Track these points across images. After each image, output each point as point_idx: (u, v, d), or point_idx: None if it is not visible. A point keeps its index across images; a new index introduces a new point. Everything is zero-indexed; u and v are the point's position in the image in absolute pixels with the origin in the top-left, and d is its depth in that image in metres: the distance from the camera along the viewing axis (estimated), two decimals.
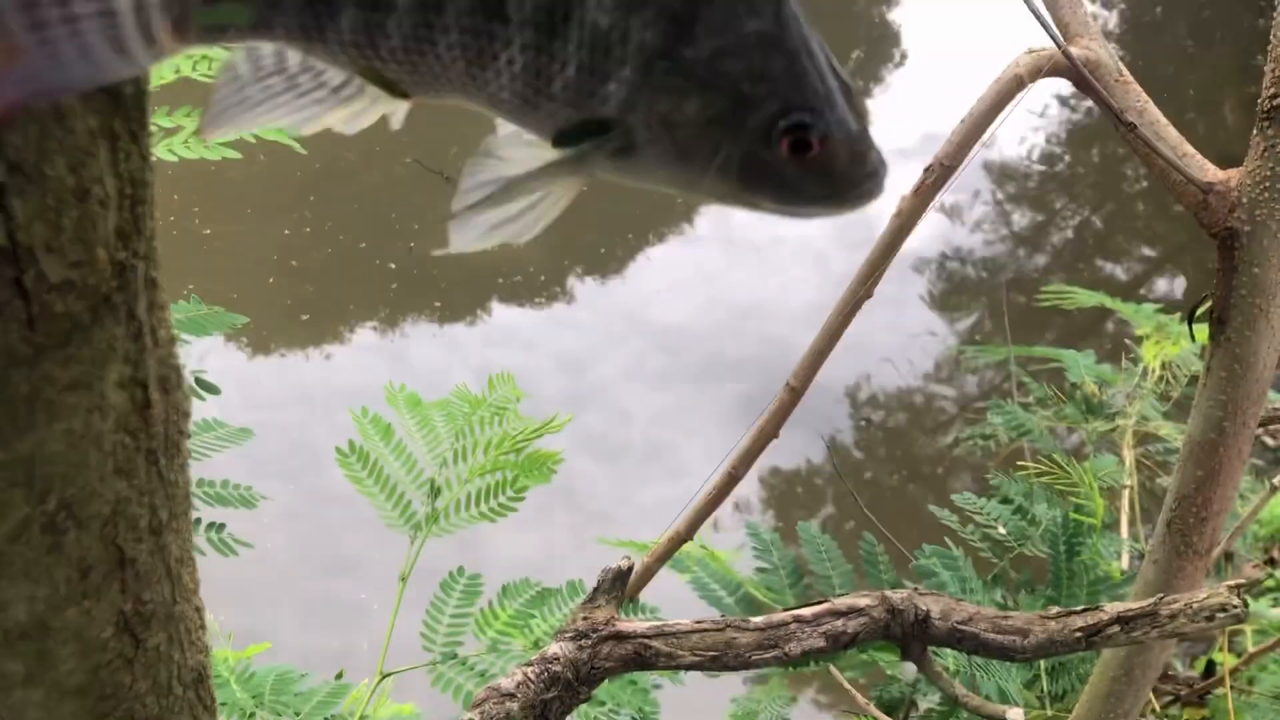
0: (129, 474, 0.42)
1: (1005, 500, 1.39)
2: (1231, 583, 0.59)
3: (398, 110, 0.47)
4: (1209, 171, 0.72)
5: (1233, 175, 0.71)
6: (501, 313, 3.95)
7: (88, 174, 0.37)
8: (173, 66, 0.69)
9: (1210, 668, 1.38)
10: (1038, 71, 0.71)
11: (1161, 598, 0.61)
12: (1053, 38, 0.69)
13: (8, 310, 0.36)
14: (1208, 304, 0.76)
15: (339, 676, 1.06)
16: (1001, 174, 4.47)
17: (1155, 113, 0.71)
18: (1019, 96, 0.72)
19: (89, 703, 0.43)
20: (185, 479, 0.46)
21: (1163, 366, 1.73)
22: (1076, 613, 0.63)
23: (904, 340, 3.76)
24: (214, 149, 0.68)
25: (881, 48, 5.50)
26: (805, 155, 0.43)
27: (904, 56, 5.35)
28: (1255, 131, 0.71)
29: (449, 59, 0.41)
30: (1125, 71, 0.71)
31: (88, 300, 0.38)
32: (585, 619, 0.66)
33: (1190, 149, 0.72)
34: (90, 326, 0.38)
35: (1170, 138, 0.71)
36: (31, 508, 0.39)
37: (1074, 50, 0.69)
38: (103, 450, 0.40)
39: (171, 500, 0.45)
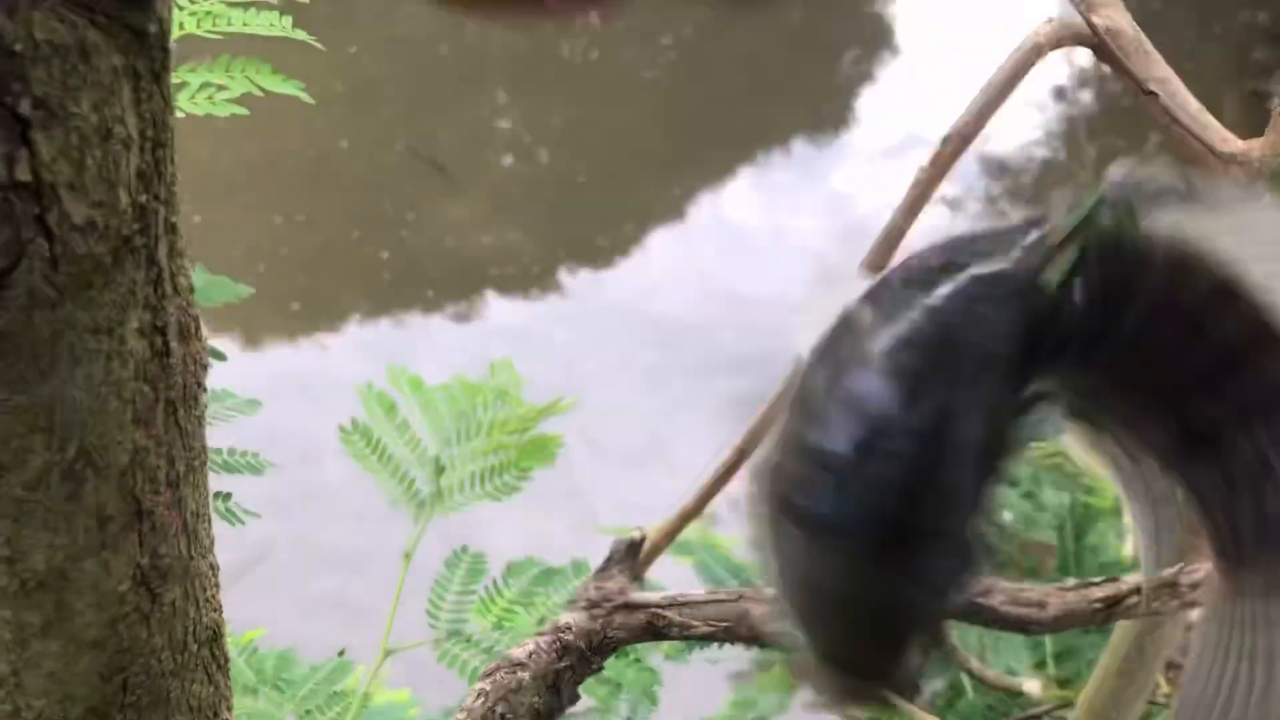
0: (147, 423, 0.41)
1: (1012, 484, 1.39)
2: None
3: None
4: (1230, 142, 0.71)
5: (1254, 145, 0.71)
6: (494, 304, 3.94)
7: (110, 112, 0.37)
8: (177, 23, 0.68)
9: None
10: (1058, 40, 0.71)
11: (1182, 567, 0.61)
12: (1075, 4, 0.69)
13: (32, 249, 0.35)
14: None
15: (341, 654, 1.06)
16: (999, 168, 4.48)
17: (1176, 83, 0.71)
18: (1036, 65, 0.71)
19: (105, 655, 0.42)
20: (202, 433, 0.45)
21: None
22: (1095, 584, 0.62)
23: None
24: (219, 104, 0.67)
25: (877, 41, 5.50)
26: None
27: (899, 50, 5.36)
28: (1278, 100, 0.71)
29: None
30: (1146, 41, 0.71)
31: (109, 242, 0.37)
32: (598, 588, 0.66)
33: (1211, 119, 0.72)
34: (111, 269, 0.38)
35: (1191, 108, 0.71)
36: (51, 454, 0.38)
37: (1095, 19, 0.69)
38: (122, 398, 0.40)
39: (189, 453, 0.44)
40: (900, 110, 4.75)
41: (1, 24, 0.33)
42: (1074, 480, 1.38)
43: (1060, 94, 4.73)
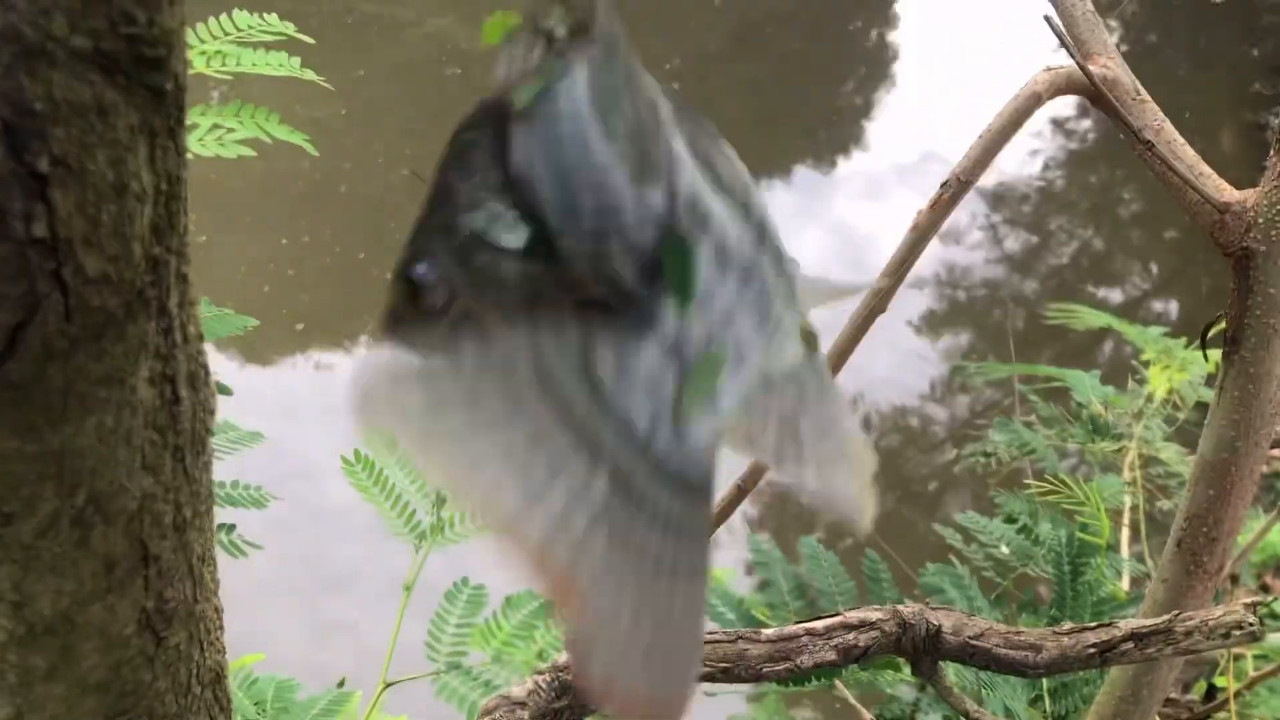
0: (156, 470, 0.42)
1: (1009, 519, 1.39)
2: (1248, 600, 0.59)
3: None
4: (1225, 191, 0.72)
5: (1249, 196, 0.72)
6: None
7: (127, 169, 0.37)
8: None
9: (1210, 692, 1.38)
10: (1056, 89, 0.72)
11: (1176, 614, 0.61)
12: (1070, 54, 0.69)
13: (47, 303, 0.36)
14: (1220, 324, 0.77)
15: (341, 685, 1.06)
16: (996, 198, 4.49)
17: (1172, 131, 0.72)
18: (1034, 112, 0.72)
19: (109, 699, 0.43)
20: (208, 477, 0.46)
21: (1168, 391, 1.74)
22: (1090, 628, 0.63)
23: (898, 360, 3.77)
24: (229, 146, 0.68)
25: (880, 68, 5.52)
26: None
27: (899, 78, 5.38)
28: (1273, 152, 0.71)
29: None
30: (1142, 90, 0.72)
31: (122, 295, 0.38)
32: None
33: (1206, 168, 0.73)
34: (124, 321, 0.38)
35: (1187, 157, 0.72)
36: (61, 501, 0.39)
37: (1092, 68, 0.69)
38: (132, 446, 0.40)
39: (195, 498, 0.45)
40: (901, 138, 4.76)
41: (22, 83, 0.34)
42: (1070, 516, 1.39)
43: (1059, 125, 4.75)
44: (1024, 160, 4.56)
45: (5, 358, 0.36)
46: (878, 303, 0.77)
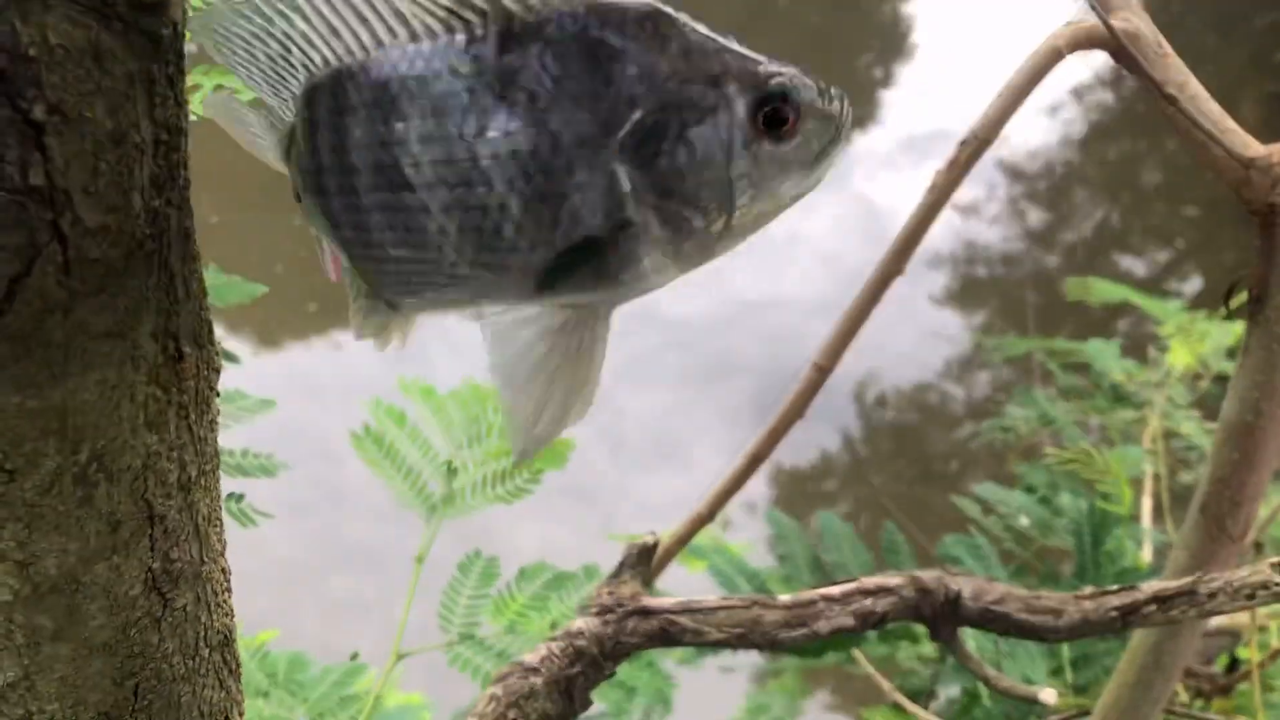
0: (160, 428, 0.41)
1: (1029, 489, 1.38)
2: (1274, 560, 0.58)
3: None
4: (1251, 147, 0.71)
5: (1276, 150, 0.70)
6: None
7: (125, 118, 0.37)
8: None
9: (1233, 664, 1.37)
10: (1076, 44, 0.71)
11: (1200, 576, 0.60)
12: (1094, 8, 0.68)
13: (45, 254, 0.35)
14: (1243, 285, 0.75)
15: (354, 658, 1.06)
16: (1015, 172, 4.46)
17: (1196, 86, 0.70)
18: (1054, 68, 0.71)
19: (116, 660, 0.42)
20: (214, 437, 0.45)
21: (1188, 364, 1.72)
22: (1112, 592, 0.62)
23: (915, 338, 3.75)
24: None
25: (896, 41, 5.48)
26: (783, 129, 0.42)
27: (916, 51, 5.34)
28: None
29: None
30: (1165, 44, 0.70)
31: (122, 247, 0.37)
32: (610, 594, 0.66)
33: (1232, 124, 0.71)
34: (124, 274, 0.38)
35: (1211, 112, 0.70)
36: (64, 458, 0.38)
37: (1114, 22, 0.68)
38: (135, 402, 0.40)
39: (201, 457, 0.44)
40: (918, 111, 4.73)
41: (16, 27, 0.33)
42: (1091, 486, 1.37)
43: (1079, 95, 4.71)
44: (1044, 132, 4.52)
45: (4, 310, 0.35)
46: (894, 265, 0.76)
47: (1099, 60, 0.85)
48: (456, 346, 3.71)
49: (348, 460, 1.18)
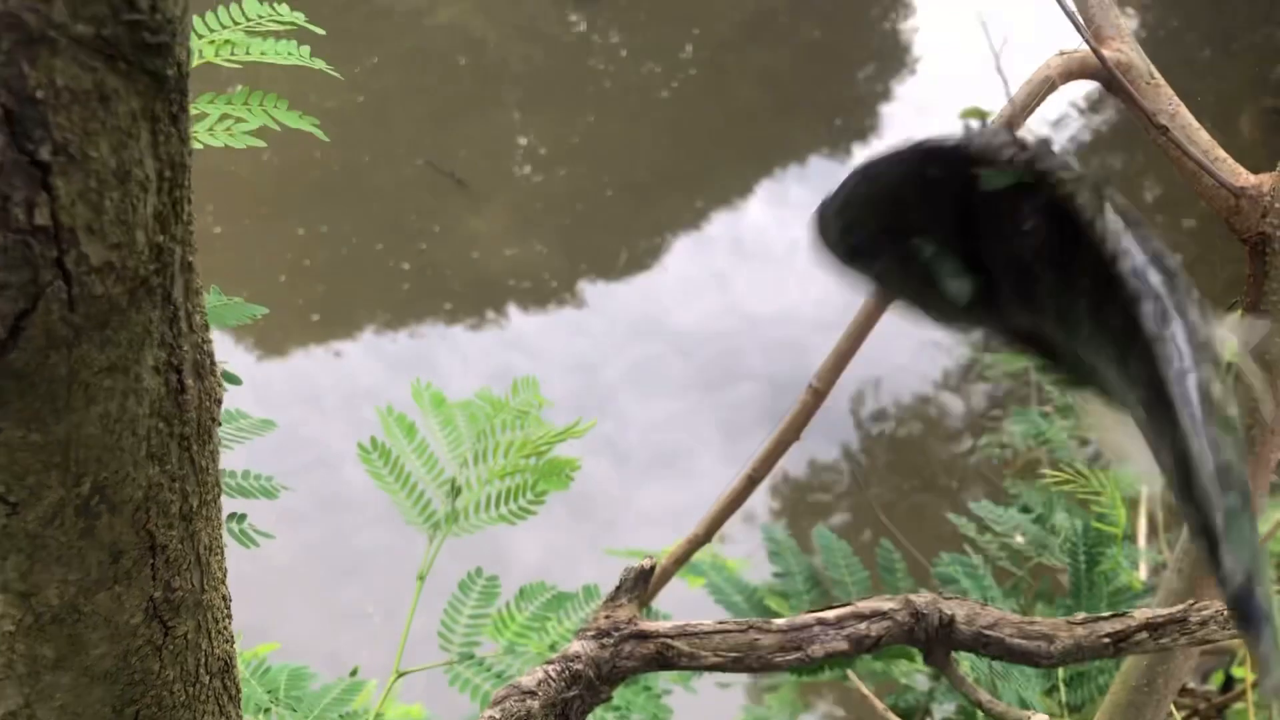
0: (162, 459, 0.42)
1: (1025, 509, 1.39)
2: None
3: None
4: (1241, 176, 0.71)
5: (1265, 180, 0.71)
6: (513, 315, 3.95)
7: (129, 156, 0.37)
8: (195, 50, 0.69)
9: (1229, 682, 1.37)
10: (1069, 73, 0.71)
11: (1192, 604, 0.60)
12: (1084, 39, 0.69)
13: (49, 291, 0.36)
14: (1237, 310, 0.76)
15: (354, 674, 1.06)
16: None
17: (1187, 116, 0.71)
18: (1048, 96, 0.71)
19: (117, 688, 0.43)
20: (216, 466, 0.46)
21: None
22: (1104, 618, 0.62)
23: (913, 348, 3.75)
24: (238, 137, 0.68)
25: (896, 56, 5.49)
26: None
27: (915, 66, 5.35)
28: None
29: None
30: (1156, 74, 0.71)
31: (126, 283, 0.38)
32: (607, 617, 0.66)
33: (1222, 153, 0.72)
34: (128, 309, 0.38)
35: (1202, 141, 0.71)
36: (66, 490, 0.39)
37: (1106, 52, 0.69)
38: (137, 435, 0.40)
39: (202, 487, 0.45)
40: (918, 126, 4.74)
41: (24, 71, 0.34)
42: (1086, 506, 1.38)
43: (1079, 109, 4.72)
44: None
45: (8, 346, 0.36)
46: None
47: None
48: (467, 359, 3.73)
49: (348, 470, 1.18)
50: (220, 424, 0.46)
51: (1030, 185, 0.39)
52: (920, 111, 4.88)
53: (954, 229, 0.42)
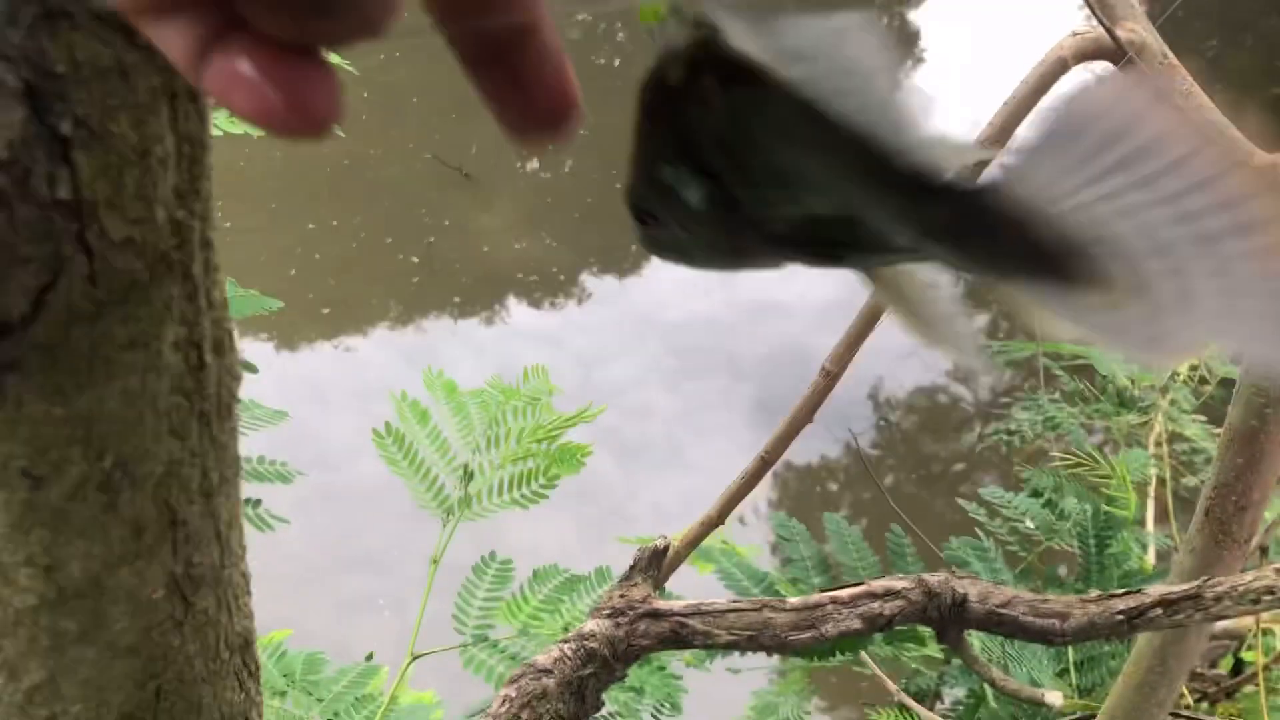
0: (182, 435, 0.42)
1: (1035, 493, 1.39)
2: (1279, 565, 0.59)
3: None
4: (1256, 155, 0.71)
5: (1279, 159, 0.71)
6: (519, 310, 3.95)
7: (149, 132, 0.37)
8: None
9: (1238, 666, 1.37)
10: (1082, 54, 0.71)
11: (1206, 579, 0.60)
12: (1099, 19, 0.69)
13: (71, 266, 0.36)
14: None
15: (369, 658, 1.06)
16: None
17: (1200, 96, 0.71)
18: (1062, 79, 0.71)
19: (139, 663, 0.43)
20: (235, 443, 0.46)
21: (1192, 368, 1.72)
22: (1118, 595, 0.62)
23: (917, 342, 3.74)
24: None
25: (903, 48, 5.48)
26: None
27: (923, 57, 5.34)
28: None
29: None
30: (1170, 54, 0.71)
31: (147, 258, 0.38)
32: (622, 596, 0.66)
33: (1237, 134, 0.72)
34: (149, 285, 0.39)
35: (1217, 121, 0.71)
36: (89, 465, 0.39)
37: (1119, 32, 0.68)
38: (158, 410, 0.40)
39: (222, 463, 0.45)
40: (926, 115, 4.72)
41: (45, 46, 0.34)
42: (1096, 489, 1.38)
43: None
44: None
45: (31, 320, 0.36)
46: None
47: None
48: (475, 352, 3.73)
49: (359, 462, 1.19)
50: (239, 402, 0.46)
51: (701, 57, 0.38)
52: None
53: (675, 145, 0.41)
